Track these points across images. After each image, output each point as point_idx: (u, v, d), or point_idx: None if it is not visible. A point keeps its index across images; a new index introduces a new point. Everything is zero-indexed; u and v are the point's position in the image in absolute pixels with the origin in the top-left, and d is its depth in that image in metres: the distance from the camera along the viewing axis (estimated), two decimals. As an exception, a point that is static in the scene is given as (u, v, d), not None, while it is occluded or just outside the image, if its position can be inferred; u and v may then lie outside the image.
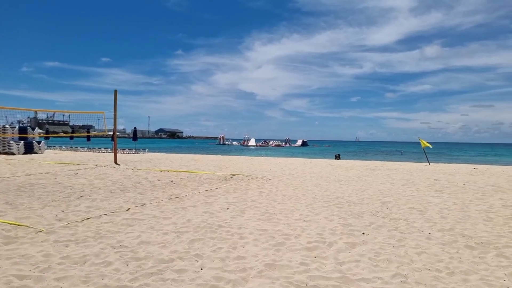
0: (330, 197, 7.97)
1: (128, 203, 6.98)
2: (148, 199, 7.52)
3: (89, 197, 7.67)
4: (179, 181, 10.64)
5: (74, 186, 9.29)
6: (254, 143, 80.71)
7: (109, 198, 7.59)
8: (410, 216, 6.11)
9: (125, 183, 9.92)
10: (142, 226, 5.26)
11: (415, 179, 11.51)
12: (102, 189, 8.77)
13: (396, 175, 12.73)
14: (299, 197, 7.88)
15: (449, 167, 17.32)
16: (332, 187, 9.58)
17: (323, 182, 10.68)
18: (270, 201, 7.35)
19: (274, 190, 8.93)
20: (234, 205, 6.95)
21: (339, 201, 7.47)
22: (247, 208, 6.64)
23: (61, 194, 7.98)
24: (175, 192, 8.44)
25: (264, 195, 8.11)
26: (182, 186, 9.49)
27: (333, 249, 4.28)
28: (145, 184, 9.90)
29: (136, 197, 7.75)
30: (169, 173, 12.67)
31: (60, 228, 5.02)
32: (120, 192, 8.44)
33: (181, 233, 4.89)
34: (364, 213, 6.29)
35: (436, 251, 4.22)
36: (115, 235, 4.76)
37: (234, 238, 4.68)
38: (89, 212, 6.13)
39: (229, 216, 5.99)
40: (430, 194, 8.39)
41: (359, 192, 8.73)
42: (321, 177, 12.05)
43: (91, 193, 8.21)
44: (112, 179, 10.86)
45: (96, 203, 7.00)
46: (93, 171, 12.93)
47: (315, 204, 7.14)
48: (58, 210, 6.27)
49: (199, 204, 7.01)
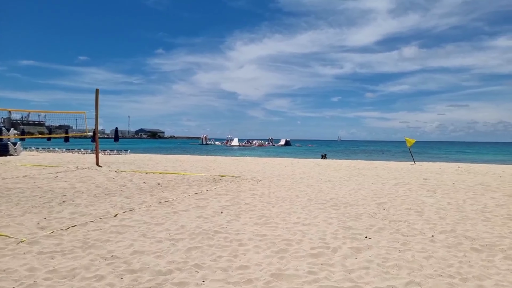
0: (324, 198, 7.81)
1: (115, 208, 6.61)
2: (136, 203, 7.16)
3: (72, 202, 7.25)
4: (166, 183, 10.28)
5: (55, 190, 8.80)
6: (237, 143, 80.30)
7: (94, 203, 7.19)
8: (408, 217, 6.01)
9: (109, 186, 9.49)
10: (133, 233, 4.94)
11: (405, 179, 11.53)
12: (86, 193, 8.34)
13: (386, 175, 12.74)
14: (294, 199, 7.69)
15: (435, 166, 17.56)
16: (324, 187, 9.45)
17: (315, 182, 10.54)
18: (265, 204, 7.13)
19: (267, 192, 8.71)
20: (228, 208, 6.70)
21: (334, 202, 7.33)
22: (242, 212, 6.39)
23: (41, 199, 7.52)
24: (164, 196, 8.10)
25: (257, 198, 7.88)
26: (170, 189, 9.15)
27: (339, 255, 4.09)
28: (131, 187, 9.50)
29: (123, 201, 7.38)
30: (155, 175, 12.27)
31: (43, 238, 4.64)
32: (105, 196, 8.04)
33: (176, 241, 4.60)
34: (362, 215, 6.15)
35: (443, 255, 4.09)
36: (104, 244, 4.42)
37: (233, 245, 4.43)
38: (73, 219, 5.74)
39: (224, 220, 5.73)
40: (423, 194, 8.36)
41: (353, 192, 8.63)
42: (312, 177, 11.92)
43: (74, 197, 7.78)
44: (95, 182, 10.39)
45: (81, 208, 6.60)
46: (74, 174, 12.39)
47: (311, 206, 6.96)
48: (39, 217, 5.85)
49: (191, 208, 6.72)
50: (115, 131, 29.19)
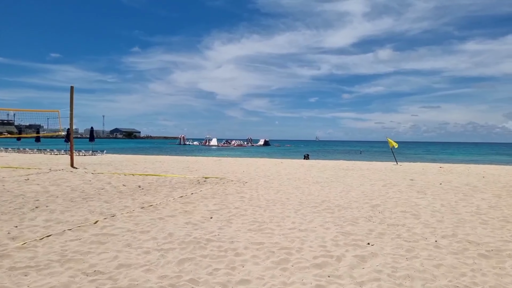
0: (316, 201, 7.56)
1: (94, 215, 6.10)
2: (117, 208, 6.66)
3: (46, 207, 6.66)
4: (147, 186, 9.77)
5: (26, 194, 8.14)
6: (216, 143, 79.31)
7: (70, 208, 6.63)
8: (406, 221, 5.83)
9: (86, 190, 8.89)
10: (117, 243, 4.48)
11: (392, 179, 11.48)
12: (61, 198, 7.73)
13: (372, 176, 12.68)
14: (284, 202, 7.39)
15: (417, 166, 17.74)
16: (313, 189, 9.21)
17: (303, 184, 10.29)
18: (255, 208, 6.79)
19: (255, 194, 8.37)
20: (217, 213, 6.32)
21: (327, 205, 7.08)
22: (233, 217, 6.03)
23: (11, 204, 6.88)
24: (147, 199, 7.62)
25: (246, 201, 7.54)
26: (152, 192, 8.66)
27: (344, 264, 3.81)
28: (110, 190, 8.94)
29: (102, 206, 6.86)
30: (134, 177, 11.70)
31: (15, 250, 4.12)
32: (82, 200, 7.48)
33: (165, 251, 4.19)
34: (358, 219, 5.91)
35: (452, 263, 3.89)
36: (85, 257, 3.96)
37: (229, 256, 4.07)
38: (48, 227, 5.21)
39: (215, 227, 5.35)
40: (414, 196, 8.26)
41: (343, 194, 8.42)
42: (298, 178, 11.67)
43: (48, 202, 7.18)
44: (70, 185, 9.74)
45: (56, 215, 6.04)
46: (47, 176, 11.63)
47: (304, 209, 6.68)
48: (10, 225, 5.28)
49: (177, 213, 6.29)
50: (91, 131, 28.05)
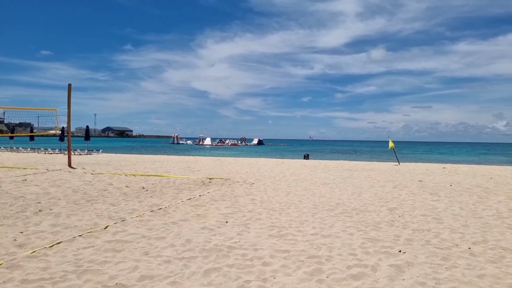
0: (330, 203, 7.33)
1: (103, 219, 5.79)
2: (126, 212, 6.36)
3: (50, 211, 6.33)
4: (151, 187, 9.46)
5: (26, 196, 7.79)
6: (210, 142, 78.62)
7: (76, 211, 6.31)
8: (429, 225, 5.62)
9: (88, 191, 8.56)
10: (134, 251, 4.20)
11: (400, 181, 11.30)
12: (63, 200, 7.40)
13: (378, 176, 12.50)
14: (298, 205, 7.15)
15: (419, 166, 17.62)
16: (324, 191, 8.98)
17: (311, 185, 10.07)
18: (270, 211, 6.54)
19: (266, 196, 8.12)
20: (231, 217, 6.05)
21: (343, 208, 6.85)
22: (249, 221, 5.77)
23: (12, 207, 6.54)
24: (155, 202, 7.32)
25: (258, 203, 7.28)
26: (158, 194, 8.35)
27: (382, 275, 3.57)
28: (113, 192, 8.62)
29: (109, 209, 6.55)
30: (136, 178, 11.37)
31: (25, 260, 3.81)
32: (87, 203, 7.15)
33: (187, 260, 3.92)
34: (380, 224, 5.69)
35: (495, 272, 3.67)
36: (102, 267, 3.67)
37: (256, 265, 3.81)
38: (56, 233, 4.90)
39: (233, 232, 5.09)
40: (428, 198, 8.07)
41: (356, 196, 8.21)
42: (305, 179, 11.44)
43: (51, 205, 6.84)
44: (71, 186, 9.39)
45: (62, 219, 5.73)
46: (45, 177, 11.24)
47: (320, 213, 6.44)
48: (14, 231, 4.95)
49: (190, 217, 6.01)
50: (86, 130, 27.52)
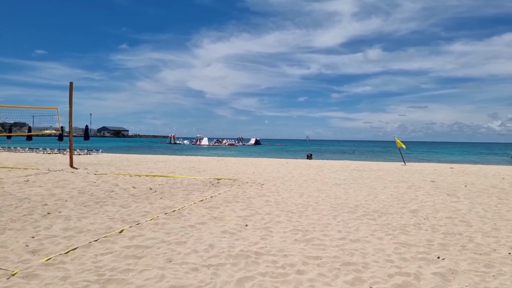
0: (348, 205, 7.09)
1: (116, 222, 5.51)
2: (138, 214, 6.07)
3: (59, 213, 6.04)
4: (159, 188, 9.17)
5: (31, 197, 7.48)
6: (207, 142, 78.00)
7: (86, 214, 6.02)
8: (458, 228, 5.39)
9: (95, 193, 8.26)
10: (156, 258, 3.92)
11: (413, 181, 11.08)
12: (71, 202, 7.10)
13: (388, 177, 12.28)
14: (316, 207, 6.89)
15: (426, 166, 17.42)
16: (338, 192, 8.74)
17: (322, 186, 9.82)
18: (288, 213, 6.28)
19: (279, 198, 7.86)
20: (249, 220, 5.78)
21: (364, 210, 6.61)
22: (269, 225, 5.50)
23: (18, 210, 6.24)
24: (166, 204, 7.04)
25: (273, 205, 7.02)
26: (168, 195, 8.07)
27: (429, 285, 3.31)
28: (121, 193, 8.32)
29: (120, 212, 6.26)
30: (141, 178, 11.07)
31: (41, 268, 3.53)
32: (95, 205, 6.86)
33: (215, 268, 3.65)
34: (407, 227, 5.45)
35: (546, 281, 3.44)
36: (126, 276, 3.40)
37: (290, 273, 3.55)
38: (70, 238, 4.61)
39: (256, 237, 4.82)
40: (447, 199, 7.84)
41: (372, 198, 7.97)
42: (315, 180, 11.20)
43: (59, 207, 6.55)
44: (75, 187, 9.08)
45: (73, 222, 5.44)
46: (47, 177, 10.92)
47: (341, 215, 6.19)
48: (25, 235, 4.66)
49: (206, 220, 5.74)
50: (85, 129, 27.17)
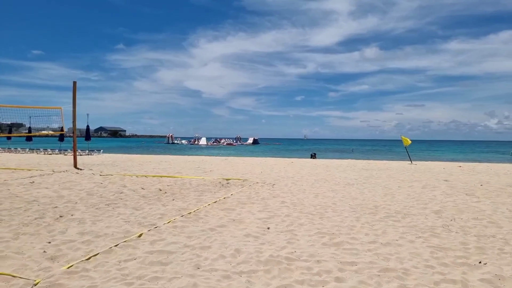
0: (367, 206, 6.89)
1: (132, 225, 5.29)
2: (154, 217, 5.86)
3: (71, 216, 5.82)
4: (168, 189, 8.95)
5: (40, 200, 7.26)
6: (205, 142, 77.45)
7: (100, 217, 5.80)
8: (489, 230, 5.19)
9: (104, 194, 8.04)
10: (183, 264, 3.71)
11: (426, 180, 10.89)
12: (81, 204, 6.88)
13: (399, 176, 12.10)
14: (334, 208, 6.69)
15: (435, 165, 17.22)
16: (353, 192, 8.54)
17: (335, 186, 9.63)
18: (308, 215, 6.08)
19: (294, 199, 7.66)
20: (270, 222, 5.57)
21: (385, 212, 6.41)
22: (291, 227, 5.30)
23: (28, 213, 6.01)
24: (180, 205, 6.83)
25: (290, 206, 6.82)
26: (180, 196, 7.86)
27: (478, 292, 3.13)
28: (130, 194, 8.11)
29: (134, 214, 6.04)
30: (148, 179, 10.85)
31: (64, 276, 3.31)
32: (107, 207, 6.64)
33: (248, 275, 3.44)
34: (435, 229, 5.26)
35: None
36: (156, 285, 3.18)
37: (330, 281, 3.35)
38: (89, 243, 4.39)
39: (282, 240, 4.62)
40: (468, 199, 7.65)
41: (390, 198, 7.78)
42: (325, 179, 11.00)
43: (70, 210, 6.32)
44: (83, 188, 8.85)
45: (88, 226, 5.22)
46: (52, 179, 10.69)
47: (363, 217, 6.00)
48: (41, 240, 4.44)
49: (226, 222, 5.53)
50: (86, 130, 26.88)
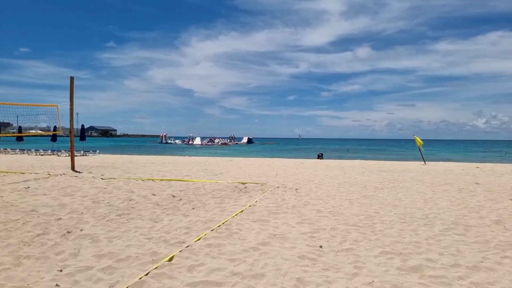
0: (415, 215, 6.10)
1: (157, 244, 4.41)
2: (179, 231, 4.98)
3: (80, 232, 4.91)
4: (182, 194, 8.08)
5: (39, 209, 6.32)
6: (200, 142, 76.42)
7: (114, 232, 4.90)
8: None
9: (112, 202, 7.12)
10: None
11: (456, 183, 10.17)
12: (88, 215, 5.96)
13: (425, 178, 11.39)
14: (380, 218, 5.88)
15: (450, 166, 16.52)
16: (388, 198, 7.75)
17: (365, 191, 8.83)
18: (356, 228, 5.25)
19: (329, 206, 6.84)
20: (317, 238, 4.74)
21: (441, 222, 5.61)
22: (346, 244, 4.47)
23: (27, 227, 5.08)
24: (204, 216, 5.95)
25: (329, 216, 5.99)
26: (198, 204, 6.99)
27: None
28: (142, 202, 7.21)
29: (155, 228, 5.16)
30: (156, 183, 9.94)
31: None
32: (120, 218, 5.75)
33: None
34: (515, 245, 4.50)
35: None
36: None
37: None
38: (111, 271, 3.50)
39: (346, 264, 3.78)
40: (520, 206, 6.95)
41: (433, 205, 7.01)
42: (350, 183, 10.21)
43: (77, 223, 5.41)
44: (86, 195, 7.92)
45: (104, 245, 4.32)
46: (50, 183, 9.70)
47: (420, 230, 5.19)
48: (50, 267, 3.53)
49: (266, 238, 4.67)
50: (81, 129, 25.75)
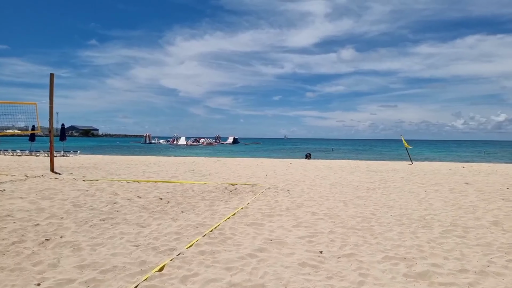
0: (411, 217, 5.95)
1: (145, 251, 4.08)
2: (169, 237, 4.66)
3: (60, 239, 4.52)
4: (169, 197, 7.73)
5: (15, 214, 5.87)
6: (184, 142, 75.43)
7: (98, 239, 4.54)
8: None
9: (95, 206, 6.71)
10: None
11: (446, 183, 10.16)
12: (69, 220, 5.56)
13: (415, 178, 11.37)
14: (377, 220, 5.70)
15: (439, 166, 16.68)
16: (382, 199, 7.61)
17: (357, 191, 8.67)
18: (354, 231, 5.05)
19: (324, 208, 6.62)
20: (316, 242, 4.50)
21: (439, 224, 5.48)
22: (346, 249, 4.26)
23: (2, 234, 4.66)
24: (194, 219, 5.64)
25: (325, 219, 5.77)
26: (188, 207, 6.66)
27: None
28: (127, 205, 6.83)
29: (142, 234, 4.81)
30: (141, 185, 9.53)
31: None
32: (104, 223, 5.37)
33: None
34: (519, 247, 4.37)
35: None
36: None
37: None
38: (95, 284, 3.16)
39: (350, 271, 3.55)
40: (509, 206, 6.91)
41: (427, 206, 6.90)
42: (341, 184, 10.05)
43: (57, 229, 5.00)
44: (66, 198, 7.46)
45: (87, 253, 3.96)
46: (27, 186, 9.15)
47: (419, 232, 5.03)
48: (26, 280, 3.16)
49: (263, 244, 4.41)
50: (62, 128, 24.84)
